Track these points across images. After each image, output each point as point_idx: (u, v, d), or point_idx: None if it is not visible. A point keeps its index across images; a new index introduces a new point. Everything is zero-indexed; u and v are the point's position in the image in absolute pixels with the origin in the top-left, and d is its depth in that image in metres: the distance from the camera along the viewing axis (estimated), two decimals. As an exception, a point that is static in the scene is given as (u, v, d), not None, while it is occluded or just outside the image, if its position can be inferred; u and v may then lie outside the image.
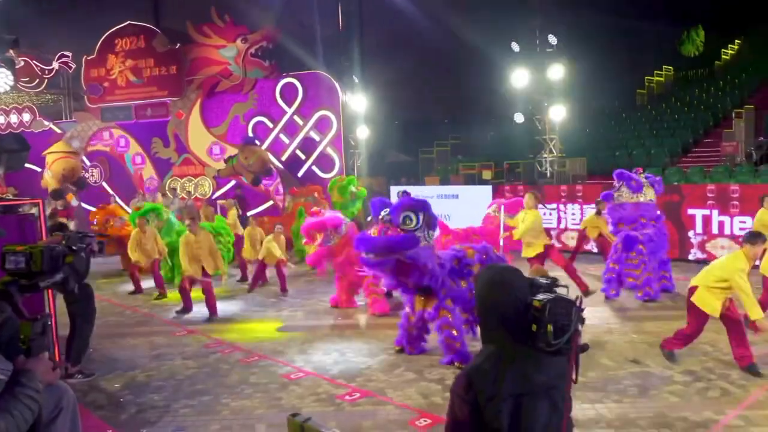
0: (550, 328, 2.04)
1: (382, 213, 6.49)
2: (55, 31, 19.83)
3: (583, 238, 11.37)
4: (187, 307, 9.35)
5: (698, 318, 6.08)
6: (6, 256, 2.14)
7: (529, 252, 9.14)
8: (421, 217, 6.26)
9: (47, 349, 2.26)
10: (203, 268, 9.11)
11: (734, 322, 6.00)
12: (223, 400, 5.76)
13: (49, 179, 18.19)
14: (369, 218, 7.50)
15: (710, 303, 5.93)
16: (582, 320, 2.13)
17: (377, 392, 5.80)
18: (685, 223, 12.13)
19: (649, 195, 9.14)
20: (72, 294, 6.46)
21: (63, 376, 6.89)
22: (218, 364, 6.86)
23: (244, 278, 11.71)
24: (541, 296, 2.12)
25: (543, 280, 2.21)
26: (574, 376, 2.20)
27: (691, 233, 12.08)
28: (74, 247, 2.25)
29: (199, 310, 9.23)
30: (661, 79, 26.74)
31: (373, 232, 6.40)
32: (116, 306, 10.16)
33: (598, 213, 10.80)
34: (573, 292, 2.25)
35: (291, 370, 6.54)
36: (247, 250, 11.52)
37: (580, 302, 2.15)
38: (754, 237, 5.90)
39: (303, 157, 17.94)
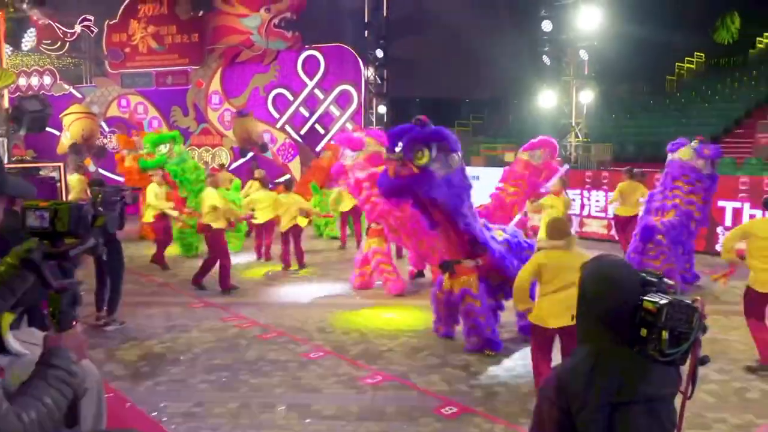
0: (664, 335, 1.81)
1: (397, 149, 5.83)
2: (79, -6, 19.63)
3: (618, 223, 10.95)
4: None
5: None
6: (27, 212, 1.84)
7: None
8: (434, 150, 5.72)
9: (76, 320, 1.98)
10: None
11: None
12: (242, 377, 5.62)
13: (67, 143, 18.03)
14: None
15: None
16: (704, 329, 1.88)
17: (400, 376, 5.63)
18: (714, 215, 11.74)
19: (687, 155, 8.38)
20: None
21: (100, 325, 6.95)
22: (236, 339, 6.73)
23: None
24: (654, 297, 1.86)
25: (653, 278, 1.96)
26: (689, 392, 1.96)
27: (720, 229, 11.69)
28: (110, 201, 1.96)
29: (213, 285, 9.12)
30: (692, 66, 26.02)
31: (390, 170, 5.83)
32: (131, 274, 10.04)
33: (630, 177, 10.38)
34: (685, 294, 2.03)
35: (310, 349, 6.39)
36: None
37: (702, 307, 1.90)
38: None
39: (322, 131, 17.71)
